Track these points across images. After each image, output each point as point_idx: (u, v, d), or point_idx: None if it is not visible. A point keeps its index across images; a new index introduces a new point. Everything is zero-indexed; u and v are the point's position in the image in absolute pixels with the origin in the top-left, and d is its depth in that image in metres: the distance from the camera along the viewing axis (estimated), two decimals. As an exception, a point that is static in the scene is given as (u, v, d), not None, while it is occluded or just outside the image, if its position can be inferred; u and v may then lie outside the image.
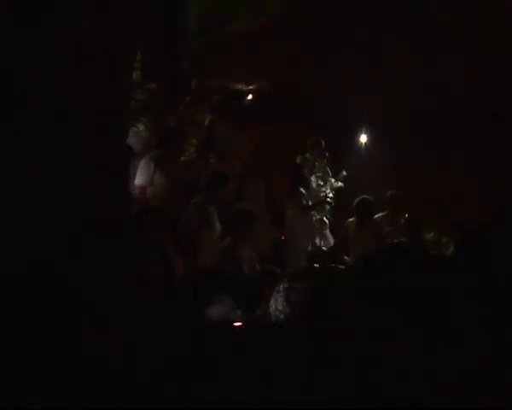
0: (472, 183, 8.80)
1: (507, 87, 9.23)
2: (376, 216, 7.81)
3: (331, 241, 8.46)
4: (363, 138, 10.03)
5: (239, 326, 3.48)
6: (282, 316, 3.49)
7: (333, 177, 9.01)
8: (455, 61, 9.78)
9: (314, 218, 8.44)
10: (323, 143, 9.18)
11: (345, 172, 9.02)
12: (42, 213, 4.02)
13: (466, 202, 8.60)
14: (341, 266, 6.78)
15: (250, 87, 11.23)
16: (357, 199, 7.62)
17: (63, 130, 4.20)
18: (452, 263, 3.64)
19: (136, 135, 7.60)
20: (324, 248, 7.61)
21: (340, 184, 8.86)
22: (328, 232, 8.62)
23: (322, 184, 8.82)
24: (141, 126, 7.81)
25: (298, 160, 9.14)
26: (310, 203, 8.35)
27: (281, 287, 3.58)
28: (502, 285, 3.14)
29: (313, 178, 8.86)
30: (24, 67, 4.04)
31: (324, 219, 8.58)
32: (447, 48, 9.84)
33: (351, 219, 7.75)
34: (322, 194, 8.76)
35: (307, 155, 9.22)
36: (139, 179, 7.10)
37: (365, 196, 7.65)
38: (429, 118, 9.83)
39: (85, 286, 3.88)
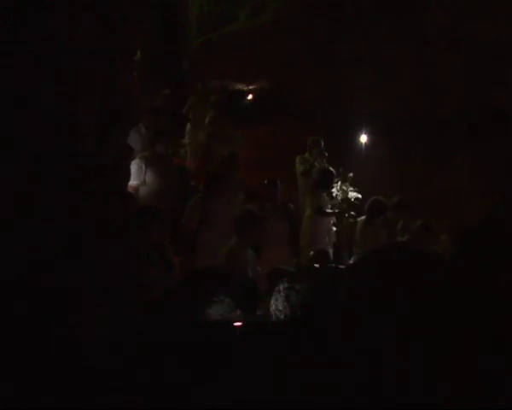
0: (472, 183, 8.79)
1: (507, 87, 9.24)
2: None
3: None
4: (364, 138, 10.02)
5: (239, 326, 3.47)
6: (282, 316, 3.48)
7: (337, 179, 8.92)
8: (454, 61, 9.78)
9: (333, 221, 8.38)
10: (323, 142, 9.15)
11: (351, 174, 8.91)
12: (42, 213, 4.02)
13: (466, 202, 8.59)
14: (341, 266, 6.76)
15: (250, 87, 11.23)
16: (370, 198, 7.69)
17: (63, 130, 4.21)
18: (452, 263, 3.64)
19: (137, 133, 7.65)
20: (325, 248, 7.60)
21: (353, 193, 8.73)
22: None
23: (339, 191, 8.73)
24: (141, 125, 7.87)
25: (297, 160, 9.10)
26: (329, 208, 8.32)
27: (281, 287, 3.57)
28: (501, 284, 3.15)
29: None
30: (23, 66, 4.04)
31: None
32: (447, 48, 9.84)
33: (360, 218, 7.79)
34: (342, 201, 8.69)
35: (306, 154, 9.18)
36: (132, 179, 7.13)
37: (378, 197, 7.71)
38: (429, 118, 9.84)
39: (84, 286, 3.88)
